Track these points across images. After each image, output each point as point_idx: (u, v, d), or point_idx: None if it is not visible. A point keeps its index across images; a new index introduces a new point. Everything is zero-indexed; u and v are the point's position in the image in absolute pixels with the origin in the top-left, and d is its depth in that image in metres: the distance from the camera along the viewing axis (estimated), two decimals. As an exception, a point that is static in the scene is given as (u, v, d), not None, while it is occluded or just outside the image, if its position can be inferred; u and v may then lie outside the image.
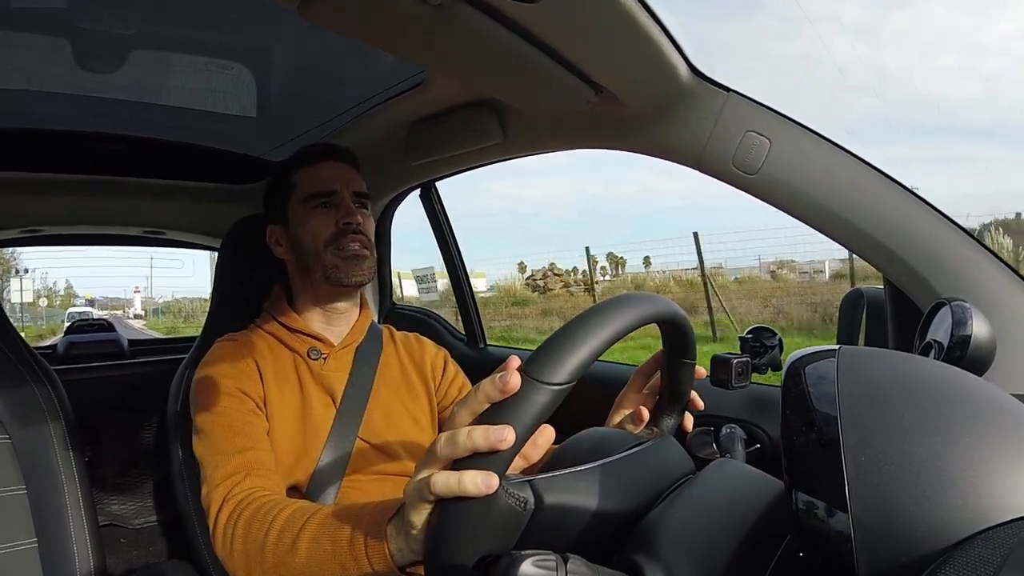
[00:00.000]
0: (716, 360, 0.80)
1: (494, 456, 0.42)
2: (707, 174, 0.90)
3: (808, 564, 0.42)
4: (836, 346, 0.48)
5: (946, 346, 0.71)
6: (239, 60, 1.19)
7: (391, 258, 1.83)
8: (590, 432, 0.64)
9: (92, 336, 2.15)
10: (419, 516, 0.48)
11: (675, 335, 0.64)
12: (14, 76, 1.18)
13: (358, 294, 1.05)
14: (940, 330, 0.74)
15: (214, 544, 0.74)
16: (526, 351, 1.59)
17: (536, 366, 0.44)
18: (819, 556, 0.41)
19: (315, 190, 0.99)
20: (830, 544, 0.39)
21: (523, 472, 0.72)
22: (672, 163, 0.93)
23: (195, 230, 1.77)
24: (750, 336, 0.99)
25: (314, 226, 0.97)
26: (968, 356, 0.70)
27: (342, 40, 0.71)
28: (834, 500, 0.39)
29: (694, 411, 0.76)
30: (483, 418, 0.44)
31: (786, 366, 0.49)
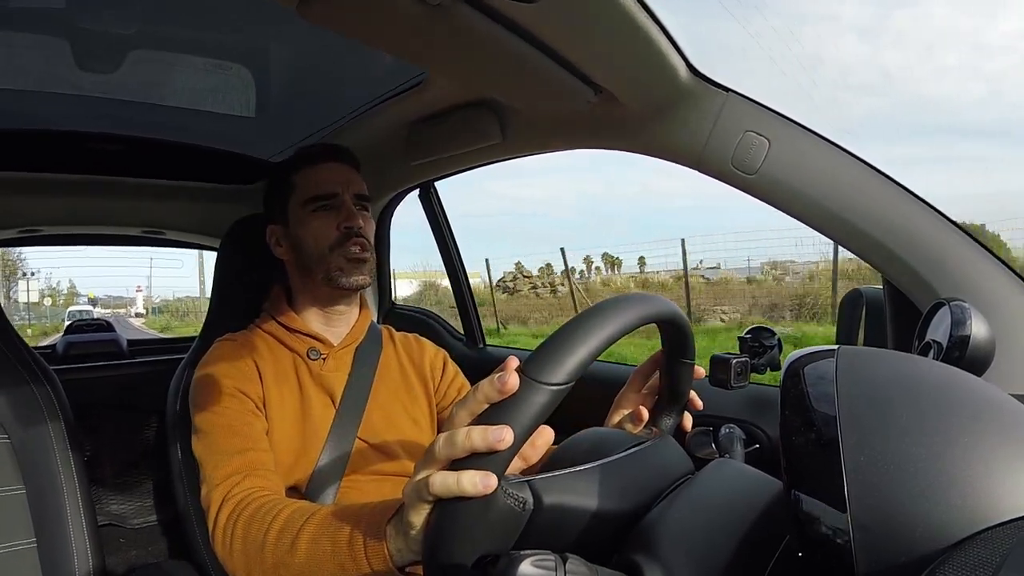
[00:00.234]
0: (715, 360, 0.80)
1: (492, 456, 0.42)
2: (706, 174, 0.90)
3: (807, 564, 0.42)
4: (835, 346, 0.48)
5: (945, 346, 0.71)
6: (238, 60, 1.19)
7: (391, 258, 1.83)
8: (589, 432, 0.64)
9: (91, 336, 2.16)
10: (418, 516, 0.48)
11: (674, 335, 0.64)
12: (14, 76, 1.18)
13: (358, 295, 1.05)
14: (939, 330, 0.74)
15: (213, 544, 0.74)
16: (526, 350, 1.59)
17: (535, 366, 0.44)
18: (818, 556, 0.41)
19: (316, 192, 0.98)
20: (829, 544, 0.39)
21: (522, 473, 0.72)
22: (673, 163, 0.93)
23: (194, 230, 1.77)
24: (749, 336, 0.99)
25: (315, 229, 0.97)
26: (967, 356, 0.70)
27: (341, 40, 0.71)
28: (833, 500, 0.39)
29: (693, 411, 0.76)
30: (482, 418, 0.44)
31: (785, 366, 0.49)
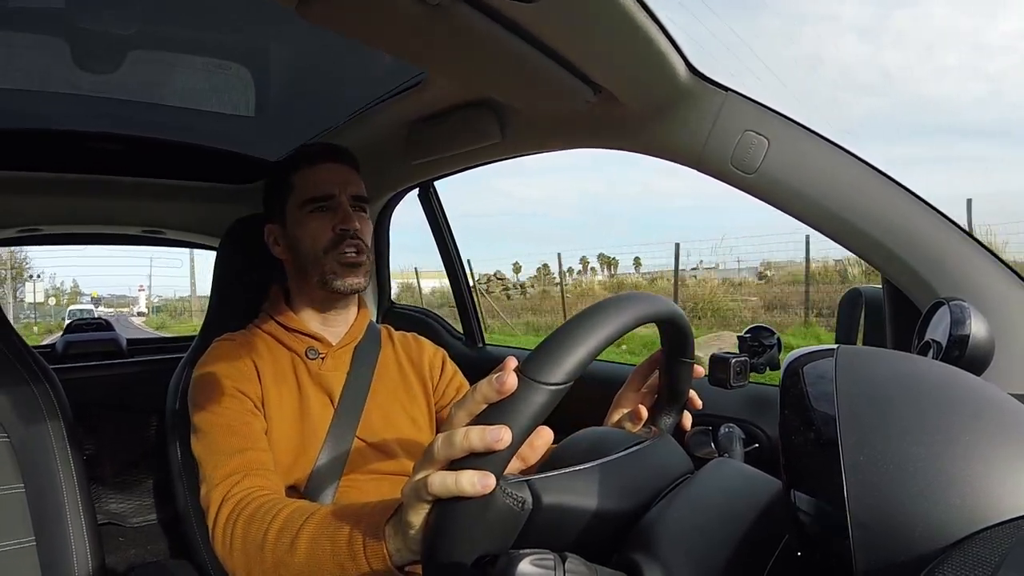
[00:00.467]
0: (714, 359, 0.80)
1: (491, 456, 0.42)
2: (706, 173, 0.90)
3: (806, 563, 0.42)
4: (834, 345, 0.48)
5: (944, 346, 0.71)
6: (238, 60, 1.19)
7: (390, 257, 1.83)
8: (588, 431, 0.64)
9: (90, 335, 2.16)
10: (417, 516, 0.48)
11: (673, 334, 0.64)
12: (13, 76, 1.18)
13: (355, 296, 1.05)
14: (938, 330, 0.74)
15: (213, 544, 0.74)
16: (525, 350, 1.58)
17: (533, 366, 0.44)
18: (817, 555, 0.41)
19: (313, 193, 0.98)
20: (828, 543, 0.39)
21: (521, 473, 0.73)
22: (673, 163, 0.93)
23: (194, 229, 1.77)
24: (748, 336, 0.99)
25: (312, 230, 0.97)
26: (966, 356, 0.70)
27: (341, 40, 0.71)
28: (832, 499, 0.39)
29: (692, 410, 0.76)
30: (480, 419, 0.44)
31: (784, 365, 0.49)
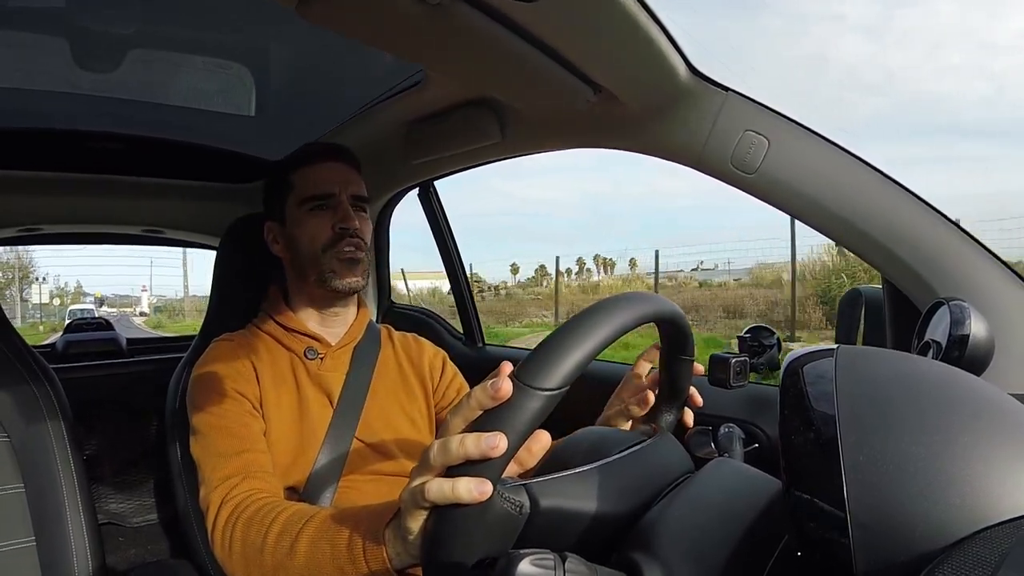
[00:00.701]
0: (714, 359, 0.80)
1: (487, 463, 0.42)
2: (706, 173, 0.90)
3: (806, 563, 0.42)
4: (834, 345, 0.48)
5: (944, 346, 0.71)
6: (238, 59, 1.19)
7: (390, 256, 1.83)
8: (588, 431, 0.64)
9: (90, 335, 2.16)
10: (415, 522, 0.48)
11: (672, 332, 0.63)
12: (13, 75, 1.18)
13: (355, 295, 1.05)
14: (938, 330, 0.74)
15: (212, 546, 0.74)
16: (525, 350, 1.58)
17: (528, 372, 0.44)
18: (817, 555, 0.41)
19: (313, 192, 0.98)
20: (828, 543, 0.39)
21: (519, 476, 0.73)
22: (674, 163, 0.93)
23: (194, 229, 1.77)
24: (748, 336, 0.99)
25: (311, 228, 0.97)
26: (966, 356, 0.70)
27: (341, 39, 0.71)
28: (832, 499, 0.39)
29: (693, 407, 0.76)
30: (476, 425, 0.44)
31: (784, 365, 0.49)
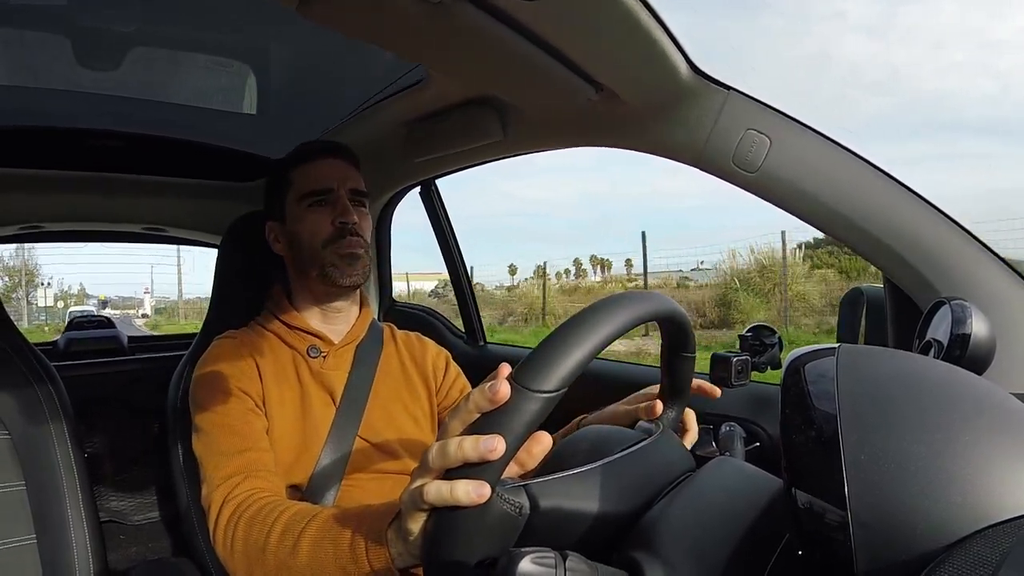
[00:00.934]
0: (716, 358, 0.80)
1: (485, 466, 0.42)
2: (707, 172, 0.90)
3: (807, 562, 0.42)
4: (836, 344, 0.48)
5: (946, 345, 0.71)
6: (239, 58, 1.19)
7: (391, 255, 1.83)
8: (590, 430, 0.64)
9: (92, 333, 2.16)
10: (415, 523, 0.48)
11: (672, 330, 0.63)
12: (15, 73, 1.19)
13: (357, 292, 1.05)
14: (940, 329, 0.74)
15: (214, 545, 0.74)
16: (526, 348, 1.58)
17: (525, 374, 0.44)
18: (818, 554, 0.41)
19: (312, 188, 0.98)
20: (829, 542, 0.39)
21: (520, 477, 0.73)
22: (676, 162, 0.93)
23: (195, 227, 1.77)
24: (750, 334, 0.98)
25: (310, 224, 0.97)
26: (968, 355, 0.70)
27: (342, 38, 0.71)
28: (833, 498, 0.39)
29: (711, 398, 0.76)
30: (474, 428, 0.44)
31: (786, 364, 0.49)
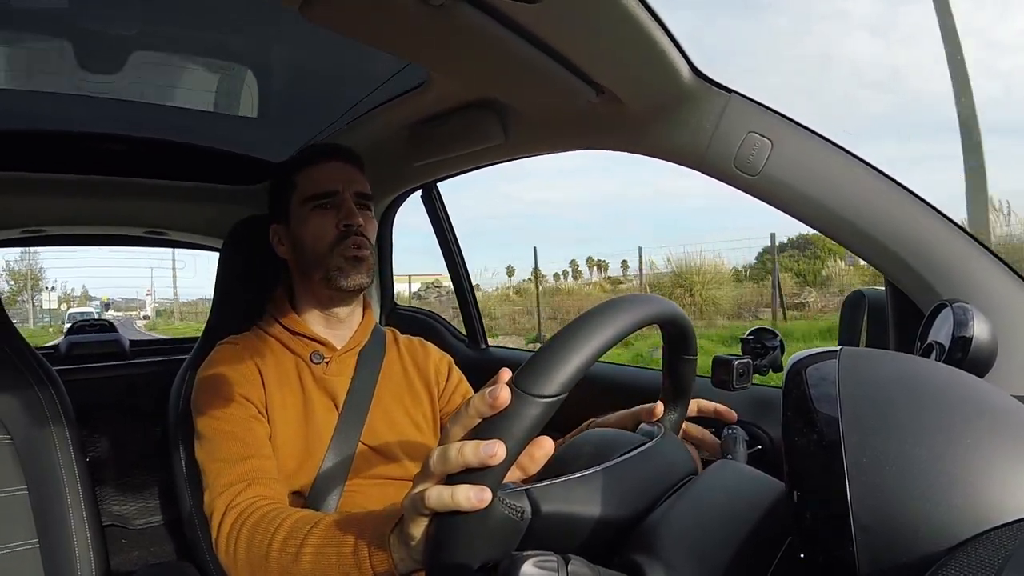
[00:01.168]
0: (717, 361, 0.80)
1: (486, 471, 0.42)
2: (709, 175, 0.90)
3: (809, 565, 0.42)
4: (837, 347, 0.48)
5: (947, 348, 0.71)
6: (241, 61, 1.20)
7: (393, 259, 1.83)
8: (592, 433, 0.64)
9: (93, 336, 2.16)
10: (417, 529, 0.48)
11: (673, 332, 0.63)
12: (17, 76, 1.19)
13: (360, 297, 1.05)
14: (941, 332, 0.74)
15: (217, 551, 0.74)
16: (527, 352, 1.58)
17: (526, 379, 0.44)
18: (820, 557, 0.41)
19: (316, 190, 0.98)
20: (831, 545, 0.39)
21: (522, 482, 0.73)
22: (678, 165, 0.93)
23: (197, 231, 1.77)
24: (751, 337, 0.98)
25: (315, 227, 0.97)
26: (969, 358, 0.70)
27: (343, 41, 0.71)
28: (835, 501, 0.39)
29: (727, 421, 0.77)
30: (475, 433, 0.44)
31: (787, 367, 0.49)
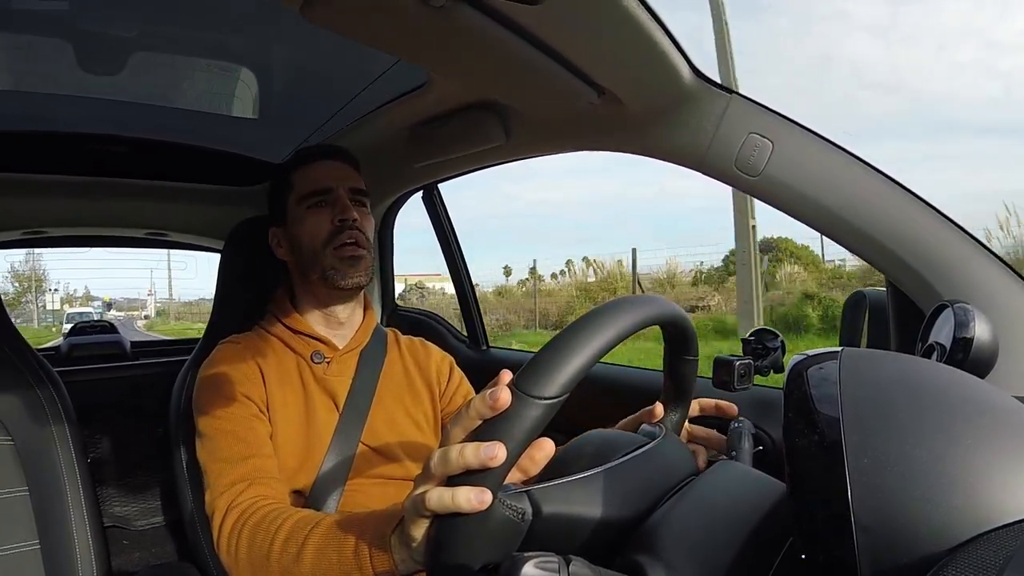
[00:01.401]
0: (718, 362, 0.80)
1: (487, 473, 0.42)
2: (709, 176, 0.90)
3: (810, 566, 0.42)
4: (838, 348, 0.48)
5: (948, 348, 0.71)
6: (241, 62, 1.20)
7: (394, 260, 1.83)
8: (593, 434, 0.64)
9: (94, 338, 2.16)
10: (418, 530, 0.48)
11: (674, 333, 0.63)
12: (17, 77, 1.19)
13: (360, 296, 1.05)
14: (942, 332, 0.73)
15: (218, 552, 0.74)
16: (528, 353, 1.58)
17: (526, 380, 0.44)
18: (821, 558, 0.41)
19: (311, 188, 0.98)
20: (832, 546, 0.39)
21: (523, 483, 0.73)
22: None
23: (198, 232, 1.78)
24: (752, 338, 0.98)
25: (310, 225, 0.97)
26: (970, 358, 0.70)
27: (344, 42, 0.71)
28: (836, 502, 0.39)
29: (727, 417, 0.77)
30: (475, 435, 0.44)
31: (788, 368, 0.49)
